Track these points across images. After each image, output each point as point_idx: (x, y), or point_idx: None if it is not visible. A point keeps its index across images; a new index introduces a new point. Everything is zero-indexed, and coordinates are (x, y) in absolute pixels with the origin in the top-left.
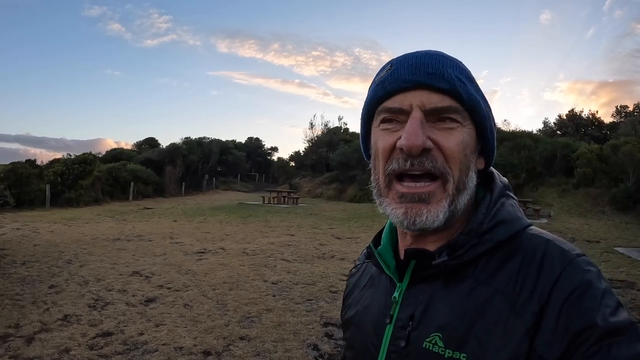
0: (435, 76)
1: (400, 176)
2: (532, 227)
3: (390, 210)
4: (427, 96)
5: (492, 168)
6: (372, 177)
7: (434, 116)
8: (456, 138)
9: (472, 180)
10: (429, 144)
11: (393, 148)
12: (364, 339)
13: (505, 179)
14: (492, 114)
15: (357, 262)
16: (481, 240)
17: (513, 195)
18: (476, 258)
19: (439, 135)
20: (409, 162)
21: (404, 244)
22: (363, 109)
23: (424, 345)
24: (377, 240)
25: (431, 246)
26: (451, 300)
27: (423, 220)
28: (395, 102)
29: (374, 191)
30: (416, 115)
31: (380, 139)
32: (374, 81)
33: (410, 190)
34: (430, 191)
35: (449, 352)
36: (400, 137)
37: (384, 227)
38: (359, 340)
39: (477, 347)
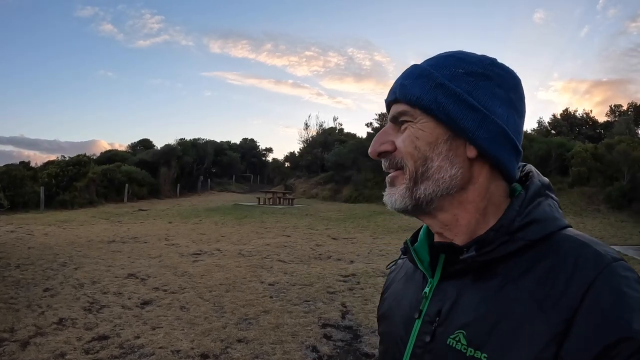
0: (390, 93)
1: None
2: (570, 228)
3: None
4: (392, 109)
5: (531, 167)
6: None
7: (397, 123)
8: (403, 136)
9: (442, 170)
10: (384, 147)
11: None
12: (395, 333)
13: (545, 179)
14: (448, 99)
15: (396, 257)
16: (512, 238)
17: (553, 196)
18: (507, 256)
19: (397, 137)
20: (382, 163)
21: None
22: None
23: (447, 342)
24: (415, 236)
25: (456, 241)
26: (478, 297)
27: (389, 200)
28: None
29: None
30: (383, 128)
31: None
32: None
33: (388, 177)
34: (393, 176)
35: (470, 351)
36: None
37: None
38: (390, 334)
39: (499, 348)
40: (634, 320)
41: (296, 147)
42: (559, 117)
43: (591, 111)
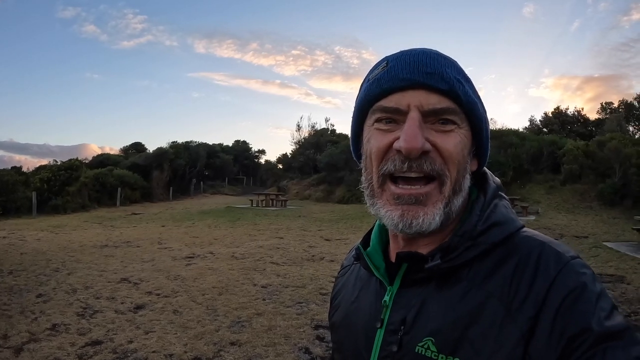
0: (434, 76)
1: (394, 178)
2: (525, 228)
3: (385, 213)
4: (426, 96)
5: (485, 168)
6: (363, 177)
7: (432, 117)
8: (454, 139)
9: (467, 181)
10: (428, 146)
11: (388, 148)
12: (354, 343)
13: (498, 180)
14: (487, 115)
15: (345, 263)
16: (475, 242)
17: (505, 196)
18: (470, 260)
19: (437, 136)
20: (406, 164)
21: (395, 246)
22: (355, 107)
23: (416, 350)
24: (365, 241)
25: (424, 249)
26: (444, 303)
27: (420, 223)
28: (391, 101)
29: (366, 192)
30: (414, 116)
31: (374, 139)
32: (367, 79)
33: (407, 192)
34: (426, 192)
35: (442, 357)
36: (396, 138)
37: (372, 228)
38: (349, 344)
39: (471, 351)
40: (593, 313)
41: (288, 148)
42: (551, 115)
43: (582, 109)
